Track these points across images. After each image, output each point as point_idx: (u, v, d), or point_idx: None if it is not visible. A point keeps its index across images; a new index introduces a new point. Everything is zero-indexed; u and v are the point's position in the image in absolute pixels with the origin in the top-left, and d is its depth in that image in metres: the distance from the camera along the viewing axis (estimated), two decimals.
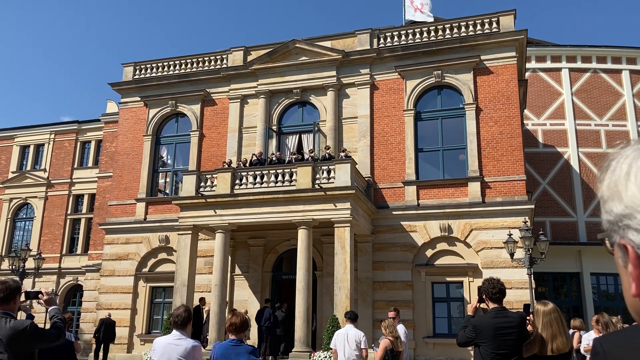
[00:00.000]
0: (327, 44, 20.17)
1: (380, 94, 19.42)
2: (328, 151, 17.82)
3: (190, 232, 17.04)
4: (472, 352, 4.87)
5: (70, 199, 29.36)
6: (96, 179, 28.01)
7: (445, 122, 18.65)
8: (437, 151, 18.56)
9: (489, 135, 17.86)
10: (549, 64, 25.50)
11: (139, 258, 20.40)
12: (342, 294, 15.04)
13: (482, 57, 18.37)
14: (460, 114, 18.49)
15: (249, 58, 21.11)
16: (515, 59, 18.22)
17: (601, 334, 1.87)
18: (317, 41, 20.27)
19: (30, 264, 22.76)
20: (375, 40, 19.78)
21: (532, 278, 14.72)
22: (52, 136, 30.33)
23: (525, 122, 23.99)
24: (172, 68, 22.29)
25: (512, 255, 15.00)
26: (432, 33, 19.27)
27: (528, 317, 4.56)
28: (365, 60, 19.60)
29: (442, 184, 18.00)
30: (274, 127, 20.27)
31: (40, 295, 3.93)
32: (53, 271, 27.72)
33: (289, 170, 16.58)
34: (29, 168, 30.42)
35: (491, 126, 17.92)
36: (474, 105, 18.16)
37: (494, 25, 18.59)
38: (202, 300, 17.23)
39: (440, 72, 18.68)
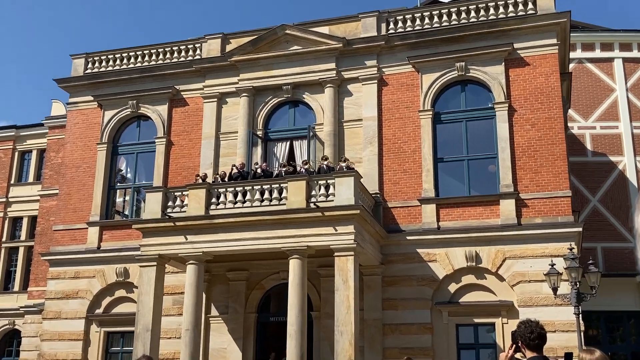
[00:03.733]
0: (325, 29, 20.33)
1: (391, 91, 19.56)
2: (326, 162, 17.90)
3: (155, 263, 17.03)
4: None
5: (6, 222, 29.27)
6: (38, 197, 27.95)
7: (470, 126, 18.76)
8: (460, 161, 18.70)
9: (525, 142, 18.00)
10: (598, 53, 25.55)
11: (91, 296, 20.35)
12: (345, 339, 14.97)
13: (516, 46, 18.53)
14: (489, 116, 18.68)
15: (228, 48, 21.26)
16: (557, 47, 18.35)
17: None
18: (312, 27, 20.42)
19: None
20: (383, 26, 19.95)
21: (580, 318, 14.63)
22: None
23: (569, 124, 24.00)
24: (132, 60, 22.46)
25: (555, 290, 14.92)
26: (454, 16, 19.44)
27: None
28: (372, 49, 19.75)
29: (467, 201, 18.10)
30: (259, 133, 20.37)
31: None
32: None
33: (277, 185, 16.65)
34: None
35: (527, 130, 18.07)
36: (506, 105, 18.33)
37: (530, 6, 18.77)
38: None
39: (463, 63, 18.86)
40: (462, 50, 18.90)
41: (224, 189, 17.10)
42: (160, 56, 22.15)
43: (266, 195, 16.63)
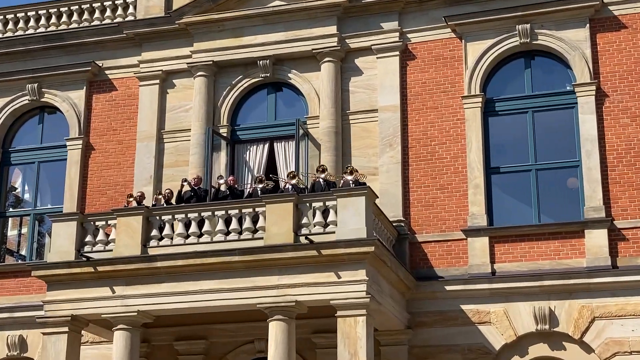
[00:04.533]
0: None
1: (420, 67, 19.54)
2: (324, 175, 17.69)
3: (66, 328, 16.80)
4: None
5: None
6: None
7: (540, 119, 18.72)
8: (525, 172, 18.66)
9: (622, 143, 17.96)
10: None
11: None
12: None
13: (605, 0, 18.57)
14: (567, 104, 18.73)
15: (176, 4, 21.26)
16: None
17: None
18: None
19: None
20: None
21: None
22: None
23: None
24: (33, 24, 22.47)
25: None
26: None
27: None
28: (391, 5, 19.78)
29: (536, 233, 17.99)
30: (224, 131, 20.33)
31: None
32: None
33: (251, 210, 16.57)
34: None
35: (625, 125, 18.04)
36: (593, 88, 18.27)
37: None
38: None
39: (528, 26, 18.84)
40: (526, 6, 18.85)
41: (169, 216, 16.99)
42: (74, 17, 22.08)
43: (234, 225, 16.48)
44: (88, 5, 22.17)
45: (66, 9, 22.28)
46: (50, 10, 22.47)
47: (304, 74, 20.20)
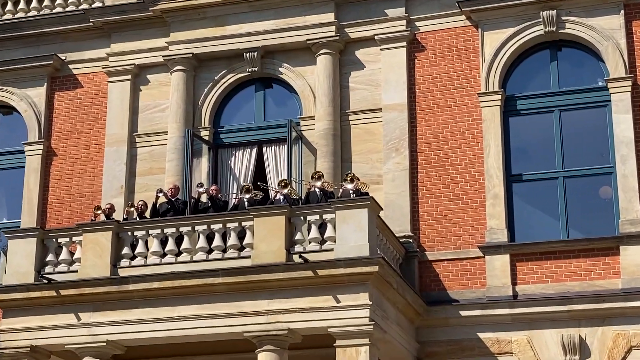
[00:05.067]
0: None
1: (430, 59, 19.60)
2: (320, 183, 17.64)
3: None
4: None
5: None
6: None
7: (567, 119, 18.77)
8: (551, 180, 18.73)
9: None
10: None
11: None
12: None
13: None
14: (599, 101, 18.77)
15: None
16: None
17: None
18: None
19: None
20: None
21: None
22: None
23: None
24: None
25: None
26: None
27: None
28: None
29: (564, 249, 18.00)
30: (206, 133, 20.37)
31: None
32: None
33: (237, 223, 16.60)
34: None
35: None
36: (629, 83, 18.27)
37: None
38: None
39: (554, 12, 18.86)
40: None
41: (143, 232, 17.04)
42: (33, 4, 22.15)
43: (217, 241, 16.49)
44: None
45: None
46: None
47: (297, 68, 20.23)
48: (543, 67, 19.35)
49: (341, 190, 17.36)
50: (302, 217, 16.24)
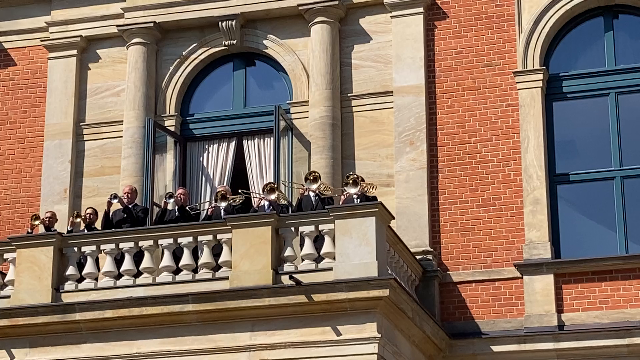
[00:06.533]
0: None
1: (453, 29, 18.80)
2: (316, 186, 16.71)
3: None
4: None
5: None
6: None
7: (626, 104, 17.88)
8: (607, 180, 17.74)
9: None
10: None
11: None
12: None
13: None
14: None
15: None
16: None
17: None
18: None
19: None
20: None
21: None
22: None
23: None
24: None
25: None
26: None
27: None
28: None
29: (622, 268, 16.99)
30: (171, 123, 19.70)
31: None
32: None
33: (211, 236, 15.69)
34: None
35: None
36: None
37: None
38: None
39: None
40: None
41: (93, 247, 16.09)
42: None
43: (186, 259, 15.54)
44: None
45: None
46: None
47: (286, 40, 19.53)
48: (596, 39, 18.47)
49: (342, 197, 16.52)
50: (292, 229, 15.46)
